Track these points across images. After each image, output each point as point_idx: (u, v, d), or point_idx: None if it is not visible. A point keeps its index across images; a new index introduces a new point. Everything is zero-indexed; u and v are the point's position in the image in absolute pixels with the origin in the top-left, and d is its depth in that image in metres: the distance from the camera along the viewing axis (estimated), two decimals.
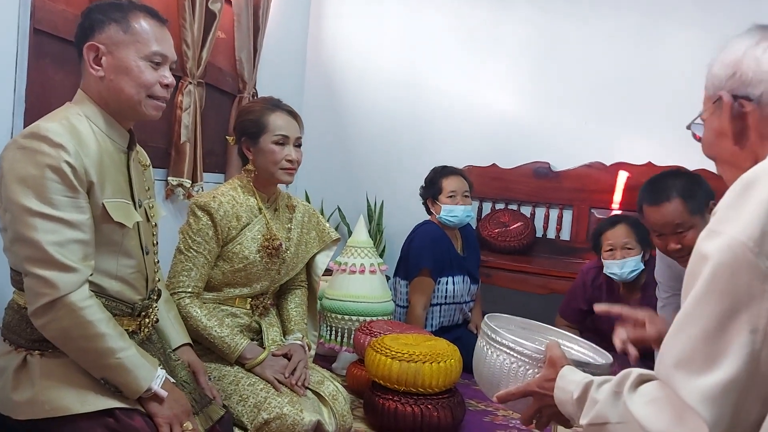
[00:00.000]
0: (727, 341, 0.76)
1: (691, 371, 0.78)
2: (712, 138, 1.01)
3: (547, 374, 1.11)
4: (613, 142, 3.58)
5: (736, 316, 0.76)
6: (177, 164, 2.72)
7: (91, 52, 1.35)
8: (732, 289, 0.77)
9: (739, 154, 0.97)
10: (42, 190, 1.23)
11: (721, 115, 0.97)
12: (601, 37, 3.58)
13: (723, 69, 0.98)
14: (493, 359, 1.21)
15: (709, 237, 0.81)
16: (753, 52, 0.94)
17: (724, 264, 0.77)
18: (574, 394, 1.00)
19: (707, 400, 0.75)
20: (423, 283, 2.74)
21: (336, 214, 4.00)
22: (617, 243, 2.53)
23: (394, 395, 2.01)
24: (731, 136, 0.96)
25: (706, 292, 0.79)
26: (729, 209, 0.81)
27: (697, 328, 0.79)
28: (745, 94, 0.94)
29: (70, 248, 1.25)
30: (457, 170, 2.92)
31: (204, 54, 2.80)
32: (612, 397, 0.91)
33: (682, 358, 0.80)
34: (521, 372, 1.17)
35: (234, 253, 1.94)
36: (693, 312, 0.80)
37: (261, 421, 1.73)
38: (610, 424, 0.89)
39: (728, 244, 0.77)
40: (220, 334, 1.86)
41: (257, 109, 1.99)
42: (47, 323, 1.25)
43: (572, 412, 1.02)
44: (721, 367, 0.76)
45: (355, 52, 4.06)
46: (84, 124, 1.34)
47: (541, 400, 1.12)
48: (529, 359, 1.17)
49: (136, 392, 1.31)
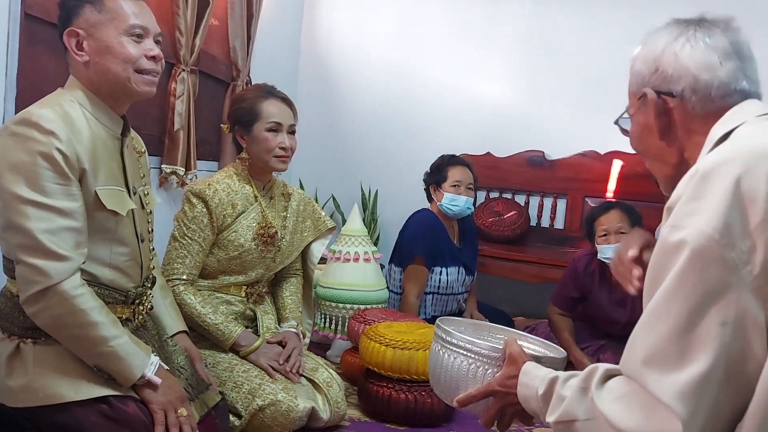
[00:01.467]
0: (698, 336, 0.75)
1: (663, 368, 0.77)
2: (639, 133, 1.01)
3: (509, 372, 1.07)
4: (607, 131, 3.50)
5: (707, 310, 0.75)
6: (170, 152, 2.71)
7: (71, 38, 1.34)
8: (701, 283, 0.76)
9: (665, 149, 0.98)
10: (33, 177, 1.22)
11: (646, 111, 0.98)
12: (595, 27, 3.57)
13: (645, 65, 0.98)
14: (450, 362, 1.16)
15: (674, 231, 0.79)
16: (672, 48, 0.95)
17: (693, 258, 0.76)
18: (539, 390, 0.97)
19: (682, 397, 0.74)
20: (416, 272, 2.75)
21: (330, 202, 4.00)
22: (611, 228, 2.54)
23: (388, 382, 2.02)
24: (657, 132, 0.97)
25: (674, 288, 0.78)
26: (690, 203, 0.80)
27: (668, 324, 0.77)
28: (668, 90, 0.95)
29: (62, 236, 1.24)
30: (465, 161, 2.90)
31: (197, 41, 2.78)
32: (579, 393, 0.88)
33: (652, 354, 0.78)
34: (480, 372, 1.12)
35: (229, 241, 1.94)
36: (662, 308, 0.79)
37: (255, 408, 1.75)
38: (578, 421, 0.87)
39: (694, 237, 0.76)
40: (215, 321, 1.87)
41: (250, 96, 1.98)
42: (39, 311, 1.24)
43: (537, 409, 0.99)
44: (695, 363, 0.75)
45: (350, 40, 4.04)
46: (76, 110, 1.33)
47: (503, 399, 1.08)
48: (487, 358, 1.12)
49: (130, 380, 1.32)
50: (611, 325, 2.66)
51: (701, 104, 0.93)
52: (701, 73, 0.92)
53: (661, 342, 0.78)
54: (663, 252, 0.81)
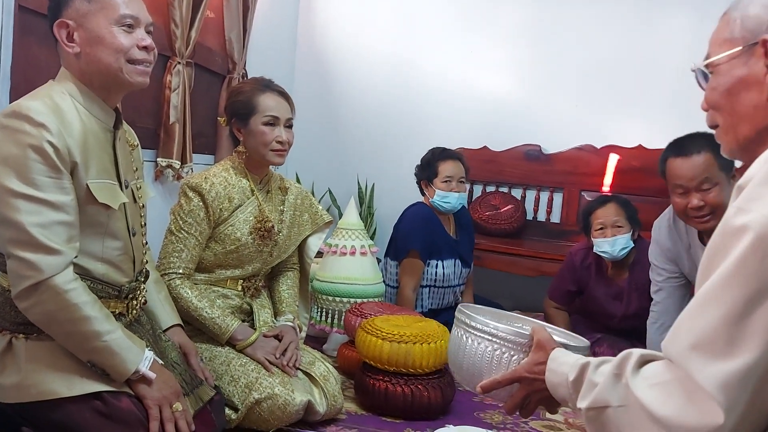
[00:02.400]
0: (750, 326, 0.72)
1: (710, 355, 0.74)
2: (732, 86, 0.89)
3: (537, 358, 1.05)
4: (604, 125, 3.58)
5: (763, 300, 0.72)
6: (166, 145, 2.70)
7: (62, 29, 1.33)
8: (762, 272, 0.72)
9: (763, 109, 0.87)
10: (24, 170, 1.21)
11: (750, 62, 0.87)
12: (594, 21, 3.56)
13: (766, 11, 0.86)
14: (474, 348, 1.14)
15: (739, 214, 0.75)
16: None
17: (755, 245, 0.72)
18: (570, 377, 0.95)
19: (725, 386, 0.72)
20: (412, 265, 2.74)
21: (327, 196, 3.99)
22: (608, 221, 2.54)
23: (385, 376, 2.01)
24: (766, 89, 0.85)
25: (733, 273, 0.74)
26: (760, 186, 0.75)
27: (721, 310, 0.74)
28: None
29: (54, 230, 1.23)
30: (455, 154, 2.88)
31: (193, 33, 2.76)
32: (612, 379, 0.86)
33: (701, 340, 0.75)
34: (505, 359, 1.10)
35: (226, 235, 1.93)
36: (717, 292, 0.75)
37: (252, 401, 1.74)
38: (611, 407, 0.84)
39: (759, 223, 0.72)
40: (211, 315, 1.86)
41: (247, 90, 1.97)
42: (31, 306, 1.23)
43: (566, 396, 0.97)
44: (743, 353, 0.72)
45: (347, 33, 4.02)
46: (67, 102, 1.32)
47: (530, 385, 1.06)
48: (513, 344, 1.10)
49: (124, 375, 1.31)
50: (607, 319, 2.66)
51: None
52: None
53: (712, 327, 0.74)
54: (724, 234, 0.77)
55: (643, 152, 3.42)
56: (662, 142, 3.31)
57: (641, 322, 2.39)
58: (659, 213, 2.30)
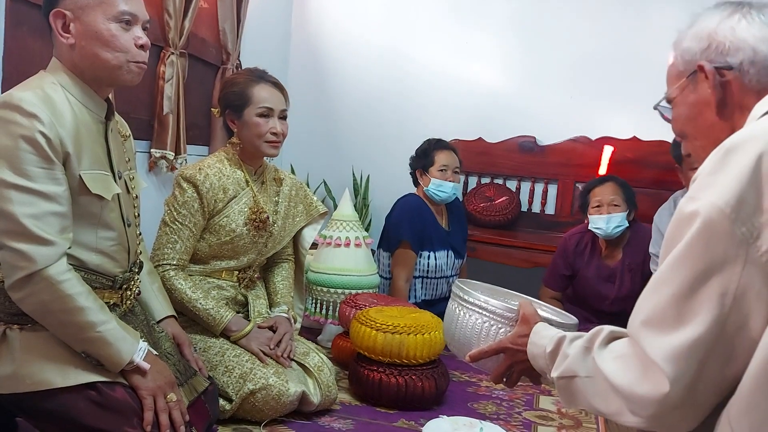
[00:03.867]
0: (697, 303, 0.78)
1: (659, 329, 0.81)
2: (689, 113, 1.00)
3: (521, 330, 1.14)
4: (598, 116, 3.58)
5: (709, 280, 0.78)
6: (160, 136, 2.68)
7: (58, 19, 1.32)
8: (707, 254, 0.78)
9: (718, 125, 0.96)
10: (16, 161, 1.21)
11: (697, 88, 0.97)
12: (587, 12, 3.55)
13: (696, 42, 0.97)
14: (465, 320, 1.23)
15: (689, 202, 0.82)
16: (728, 23, 0.94)
17: (702, 229, 0.79)
18: (547, 348, 1.03)
19: (672, 357, 0.78)
20: (404, 256, 2.75)
21: (322, 187, 3.98)
22: (605, 199, 2.61)
23: (379, 366, 2.02)
24: (714, 106, 0.95)
25: (682, 256, 0.81)
26: (709, 176, 0.82)
27: (670, 289, 0.81)
28: (725, 63, 0.94)
29: (47, 221, 1.23)
30: (450, 145, 2.92)
31: (186, 24, 2.74)
32: (582, 352, 0.94)
33: (652, 316, 0.83)
34: (493, 331, 1.19)
35: (221, 226, 1.93)
36: (668, 274, 0.82)
37: (246, 392, 1.75)
38: (579, 377, 0.93)
39: (706, 210, 0.78)
40: (205, 307, 1.86)
41: (241, 80, 1.96)
42: (25, 297, 1.23)
43: (544, 366, 1.05)
44: (688, 327, 0.78)
45: (341, 24, 4.00)
46: (59, 93, 1.31)
47: (513, 356, 1.15)
48: (501, 318, 1.19)
49: (118, 365, 1.31)
50: (600, 301, 2.70)
51: (758, 77, 0.92)
52: (759, 45, 0.92)
53: (662, 305, 0.82)
54: (677, 222, 0.84)
55: (637, 144, 3.43)
56: (656, 133, 3.37)
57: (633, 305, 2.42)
58: (653, 204, 2.33)
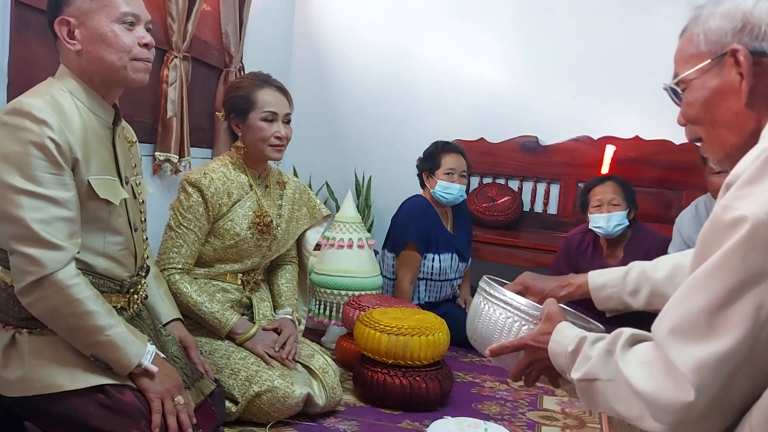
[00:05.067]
0: (730, 315, 0.76)
1: (688, 339, 0.79)
2: (709, 97, 0.92)
3: (544, 328, 1.11)
4: (600, 116, 3.58)
5: (745, 292, 0.76)
6: (164, 139, 2.70)
7: (63, 26, 1.33)
8: (745, 266, 0.76)
9: (743, 114, 0.89)
10: (26, 167, 1.22)
11: (723, 72, 0.90)
12: (589, 12, 3.56)
13: (728, 21, 0.89)
14: (489, 314, 1.23)
15: (727, 211, 0.79)
16: (766, 3, 0.86)
17: (743, 240, 0.76)
18: (569, 348, 1.01)
19: (699, 369, 0.77)
20: (409, 257, 2.76)
21: (324, 189, 4.00)
22: (605, 198, 2.63)
23: (383, 368, 2.03)
24: (744, 95, 0.88)
25: (719, 266, 0.78)
26: (748, 184, 0.78)
27: (704, 299, 0.79)
28: (761, 49, 0.86)
29: (56, 226, 1.24)
30: (458, 148, 2.91)
31: (189, 27, 2.76)
32: (604, 354, 0.92)
33: (681, 324, 0.80)
34: (515, 328, 1.19)
35: (225, 230, 1.94)
36: (702, 282, 0.80)
37: (252, 394, 1.76)
38: (600, 381, 0.91)
39: (748, 220, 0.76)
40: (211, 310, 1.88)
41: (246, 85, 1.98)
42: (35, 301, 1.25)
43: (564, 366, 1.02)
44: (720, 340, 0.76)
45: (343, 25, 4.01)
46: (68, 99, 1.32)
47: (534, 353, 1.12)
48: (526, 315, 1.18)
49: (127, 368, 1.32)
50: None
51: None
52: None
53: (693, 314, 0.79)
54: (713, 230, 0.81)
55: (639, 143, 3.44)
56: (659, 132, 3.37)
57: None
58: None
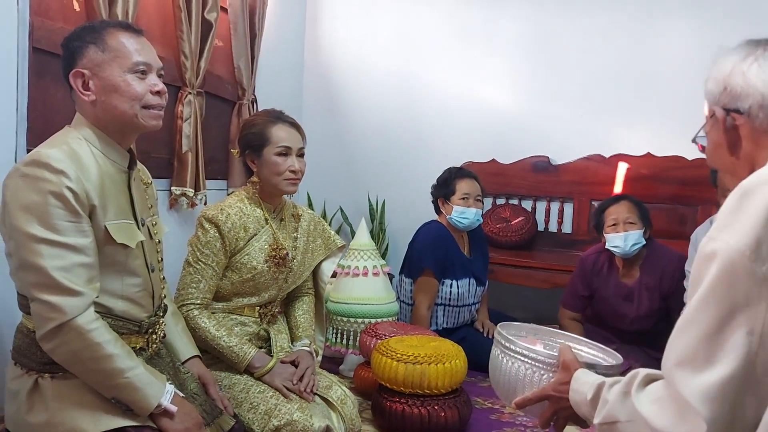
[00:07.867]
0: (725, 342, 0.81)
1: (692, 369, 0.83)
2: (712, 149, 1.07)
3: (562, 378, 1.16)
4: (611, 134, 3.59)
5: (734, 319, 0.81)
6: (179, 174, 2.75)
7: (77, 79, 1.38)
8: (731, 294, 0.82)
9: (735, 163, 1.02)
10: (45, 216, 1.25)
11: (715, 128, 1.04)
12: (596, 30, 3.58)
13: (715, 85, 1.03)
14: (509, 367, 1.26)
15: (708, 242, 0.85)
16: (740, 68, 1.00)
17: (723, 270, 0.82)
18: (588, 396, 1.05)
19: (706, 398, 0.80)
20: (426, 283, 2.76)
21: (338, 214, 4.03)
22: (620, 218, 2.63)
23: (401, 397, 2.03)
24: (726, 148, 1.02)
25: (706, 297, 0.84)
26: (727, 217, 0.85)
27: (699, 329, 0.84)
28: (736, 107, 1.00)
29: (76, 272, 1.27)
30: (472, 173, 2.93)
31: (202, 63, 2.82)
32: (621, 396, 0.96)
33: (683, 356, 0.85)
34: (536, 377, 1.22)
35: (242, 264, 1.97)
36: (694, 315, 0.85)
37: (272, 428, 1.76)
38: (620, 422, 0.95)
39: (725, 251, 0.82)
40: (229, 344, 1.89)
41: (260, 122, 2.02)
42: (56, 347, 1.27)
43: (587, 413, 1.07)
44: (719, 366, 0.81)
45: (352, 53, 4.07)
46: (84, 148, 1.36)
47: (557, 403, 1.17)
48: (543, 364, 1.22)
49: (147, 409, 1.34)
50: (619, 320, 2.69)
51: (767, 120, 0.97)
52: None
53: (692, 345, 0.84)
54: (699, 261, 0.88)
55: (651, 160, 3.43)
56: (670, 149, 3.37)
57: (652, 323, 2.44)
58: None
